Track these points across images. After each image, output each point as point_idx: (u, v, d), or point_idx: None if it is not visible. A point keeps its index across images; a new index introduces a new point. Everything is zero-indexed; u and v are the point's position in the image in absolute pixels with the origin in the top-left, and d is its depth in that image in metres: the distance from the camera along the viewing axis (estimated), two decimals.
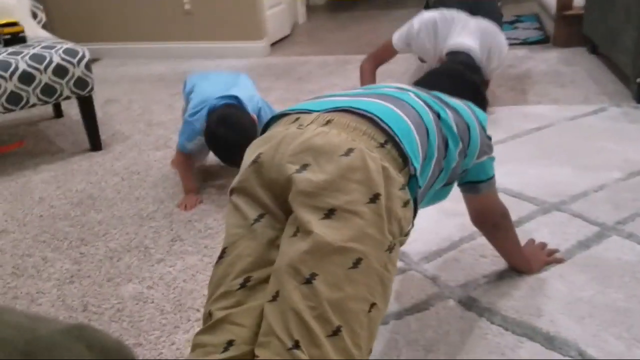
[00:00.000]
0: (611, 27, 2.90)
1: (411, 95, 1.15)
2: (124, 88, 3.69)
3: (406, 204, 1.01)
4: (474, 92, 1.42)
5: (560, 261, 1.59)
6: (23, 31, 2.60)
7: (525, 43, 3.83)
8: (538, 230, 1.75)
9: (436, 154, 1.10)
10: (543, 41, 3.84)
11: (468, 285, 1.54)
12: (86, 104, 2.64)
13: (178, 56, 4.31)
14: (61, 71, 2.46)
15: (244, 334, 0.98)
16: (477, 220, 1.46)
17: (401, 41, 2.70)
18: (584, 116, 2.58)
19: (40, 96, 2.46)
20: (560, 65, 3.33)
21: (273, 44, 4.42)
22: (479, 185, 1.34)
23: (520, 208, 1.86)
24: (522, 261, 1.55)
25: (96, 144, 2.70)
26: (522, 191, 1.98)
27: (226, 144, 1.95)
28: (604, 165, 2.12)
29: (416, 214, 1.08)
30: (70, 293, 1.67)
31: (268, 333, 0.93)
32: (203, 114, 2.05)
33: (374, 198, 0.95)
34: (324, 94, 1.21)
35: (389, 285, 0.99)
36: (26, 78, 2.39)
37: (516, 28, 4.18)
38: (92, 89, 2.60)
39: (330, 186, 0.95)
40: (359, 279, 0.93)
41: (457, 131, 1.16)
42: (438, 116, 1.14)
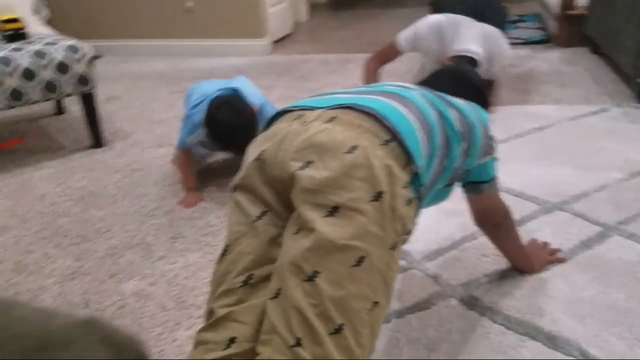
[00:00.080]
0: (613, 28, 2.89)
1: (415, 93, 1.15)
2: (125, 85, 3.69)
3: (410, 202, 1.00)
4: (477, 94, 1.42)
5: (562, 261, 1.60)
6: (24, 28, 2.59)
7: (527, 43, 3.83)
8: (540, 229, 1.75)
9: (439, 153, 1.09)
10: (545, 41, 3.84)
11: (470, 284, 1.54)
12: (88, 101, 2.64)
13: (179, 54, 4.31)
14: (63, 68, 2.46)
15: (246, 332, 0.98)
16: (480, 220, 1.46)
17: (407, 43, 2.75)
18: (586, 116, 2.58)
19: (42, 92, 2.45)
20: (562, 65, 3.33)
21: (275, 42, 4.42)
22: (482, 185, 1.34)
23: (522, 207, 1.86)
24: (524, 260, 1.55)
25: (97, 141, 2.70)
26: (524, 191, 1.98)
27: (226, 126, 1.92)
28: (605, 165, 2.12)
29: (419, 212, 1.08)
30: (71, 290, 1.67)
31: (270, 330, 0.93)
32: (203, 107, 2.01)
33: (378, 196, 0.95)
34: (327, 92, 1.20)
35: (392, 283, 0.98)
36: (28, 74, 2.39)
37: (518, 28, 4.18)
38: (94, 86, 2.59)
39: (333, 183, 0.94)
40: (362, 277, 0.92)
41: (460, 131, 1.15)
42: (441, 115, 1.13)
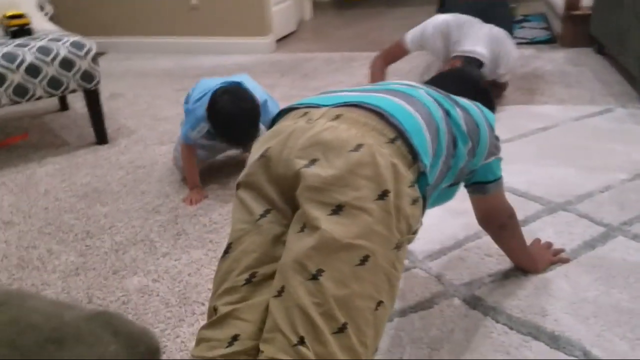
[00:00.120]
0: (618, 28, 2.89)
1: (421, 92, 1.14)
2: (130, 82, 3.69)
3: (415, 202, 1.00)
4: (482, 95, 1.41)
5: (565, 261, 1.59)
6: (29, 23, 2.60)
7: (532, 43, 3.82)
8: (544, 229, 1.75)
9: (445, 152, 1.09)
10: (550, 41, 3.83)
11: (473, 284, 1.54)
12: (92, 97, 2.64)
13: (183, 51, 4.31)
14: (68, 64, 2.46)
15: (249, 329, 0.98)
16: (484, 220, 1.45)
17: (414, 43, 2.74)
18: (590, 117, 2.58)
19: (46, 88, 2.46)
20: (566, 65, 3.32)
21: (279, 40, 4.42)
22: (487, 185, 1.33)
23: (526, 207, 1.86)
24: (528, 260, 1.55)
25: (102, 138, 2.70)
26: (528, 191, 1.98)
27: (227, 114, 1.91)
28: (610, 166, 2.12)
29: (425, 212, 1.07)
30: (75, 285, 1.67)
31: (273, 329, 0.93)
32: (205, 101, 1.99)
33: (383, 195, 0.94)
34: (332, 90, 1.20)
35: (396, 283, 0.98)
36: (33, 70, 2.39)
37: (523, 27, 4.17)
38: (99, 82, 2.60)
39: (338, 182, 0.94)
40: (366, 277, 0.92)
41: (467, 130, 1.15)
42: (448, 114, 1.13)
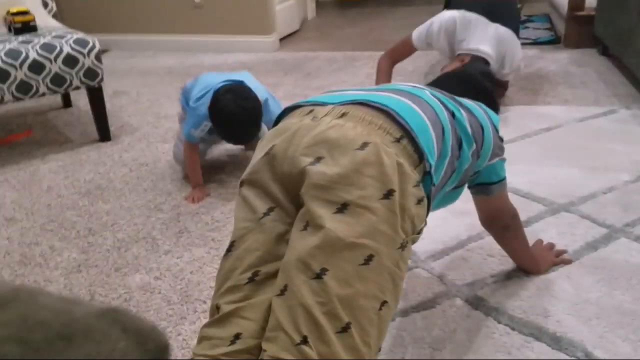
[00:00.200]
0: (623, 29, 2.88)
1: (427, 93, 1.14)
2: (133, 80, 3.69)
3: (420, 201, 0.99)
4: (486, 98, 1.41)
5: (568, 262, 1.59)
6: (34, 20, 2.60)
7: (536, 43, 3.81)
8: (546, 230, 1.75)
9: (450, 154, 1.09)
10: (554, 41, 3.82)
11: (475, 284, 1.53)
12: (95, 95, 2.64)
13: (187, 49, 4.31)
14: (71, 61, 2.47)
15: (251, 328, 0.98)
16: (488, 222, 1.45)
17: (421, 40, 2.69)
18: (594, 118, 2.57)
19: (50, 86, 2.46)
20: (570, 66, 3.32)
21: (282, 39, 4.42)
22: (491, 186, 1.33)
23: (529, 208, 1.86)
24: (530, 261, 1.55)
25: (105, 135, 2.70)
26: (531, 191, 1.98)
27: (233, 115, 1.90)
28: (613, 167, 2.12)
29: (429, 212, 1.07)
30: (77, 282, 1.67)
31: (275, 328, 0.93)
32: (208, 99, 1.99)
33: (388, 194, 0.94)
34: (337, 89, 1.20)
35: (400, 283, 0.98)
36: (36, 67, 2.39)
37: (527, 28, 4.16)
38: (102, 80, 2.60)
39: (343, 180, 0.94)
40: (370, 276, 0.92)
41: (471, 132, 1.14)
42: (453, 116, 1.12)
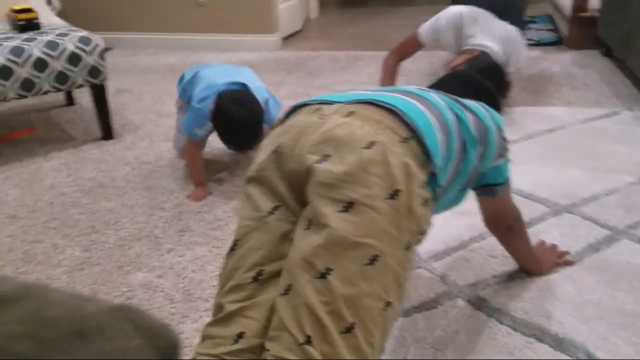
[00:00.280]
0: (626, 31, 2.88)
1: (433, 95, 1.14)
2: (135, 78, 3.70)
3: (426, 202, 0.99)
4: (487, 98, 1.40)
5: (570, 263, 1.59)
6: (37, 18, 2.60)
7: (538, 44, 3.80)
8: (549, 231, 1.75)
9: (455, 156, 1.08)
10: (557, 43, 3.82)
11: (477, 285, 1.54)
12: (99, 93, 2.64)
13: (190, 48, 4.31)
14: (75, 59, 2.47)
15: (255, 327, 0.98)
16: (492, 223, 1.45)
17: (428, 36, 2.66)
18: (596, 119, 2.57)
19: (53, 83, 2.46)
20: (573, 67, 3.31)
21: (285, 38, 4.42)
22: (496, 188, 1.33)
23: (531, 209, 1.86)
24: (533, 262, 1.55)
25: (108, 133, 2.70)
26: (534, 192, 1.98)
27: (237, 124, 1.90)
28: (616, 168, 2.12)
29: (434, 213, 1.07)
30: (80, 280, 1.68)
31: (279, 327, 0.93)
32: (210, 100, 1.98)
33: (394, 194, 0.94)
34: (344, 90, 1.20)
35: (404, 284, 0.97)
36: (40, 65, 2.40)
37: (530, 29, 4.15)
38: (105, 78, 2.60)
39: (349, 178, 0.93)
40: (375, 276, 0.92)
41: (476, 134, 1.14)
42: (458, 118, 1.12)
